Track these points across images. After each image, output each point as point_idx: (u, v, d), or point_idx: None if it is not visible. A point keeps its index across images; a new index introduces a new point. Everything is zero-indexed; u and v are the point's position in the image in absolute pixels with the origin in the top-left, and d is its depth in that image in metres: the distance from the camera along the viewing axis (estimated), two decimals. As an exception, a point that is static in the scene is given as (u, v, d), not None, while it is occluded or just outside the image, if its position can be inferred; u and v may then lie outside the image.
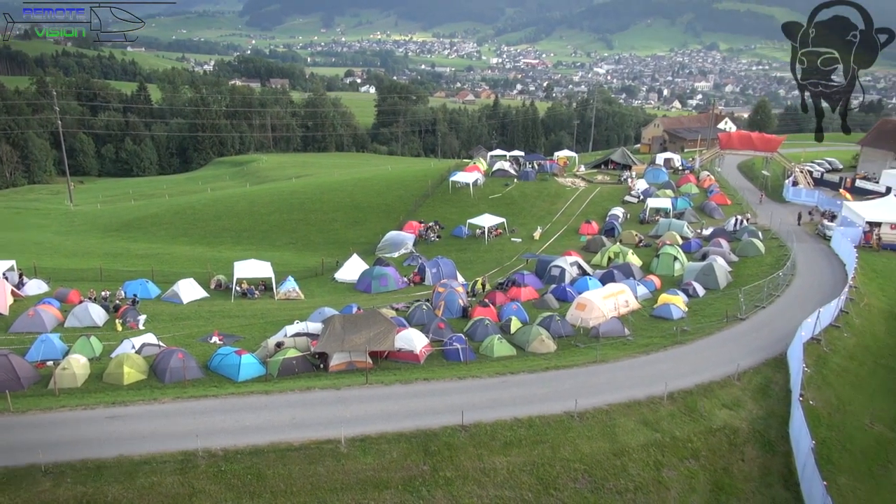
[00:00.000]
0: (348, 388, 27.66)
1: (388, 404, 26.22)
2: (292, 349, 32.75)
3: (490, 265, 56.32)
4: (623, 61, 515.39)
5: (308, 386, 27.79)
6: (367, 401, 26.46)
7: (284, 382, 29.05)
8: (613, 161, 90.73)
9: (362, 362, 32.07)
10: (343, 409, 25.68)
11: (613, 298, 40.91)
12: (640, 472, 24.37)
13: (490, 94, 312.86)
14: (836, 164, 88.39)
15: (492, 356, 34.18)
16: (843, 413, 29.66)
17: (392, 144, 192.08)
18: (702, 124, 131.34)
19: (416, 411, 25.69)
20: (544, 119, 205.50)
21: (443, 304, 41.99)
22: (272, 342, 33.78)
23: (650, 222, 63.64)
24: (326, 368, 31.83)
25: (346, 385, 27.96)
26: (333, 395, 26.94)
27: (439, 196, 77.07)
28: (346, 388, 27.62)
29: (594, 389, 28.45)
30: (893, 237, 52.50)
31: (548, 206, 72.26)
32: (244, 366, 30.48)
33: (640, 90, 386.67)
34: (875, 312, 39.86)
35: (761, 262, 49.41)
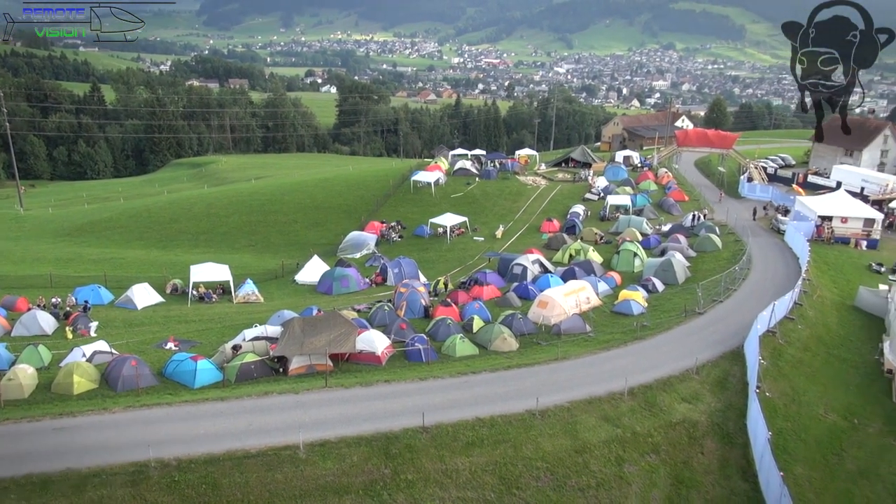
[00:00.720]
0: (307, 391, 27.15)
1: (348, 407, 25.81)
2: (250, 353, 32.09)
3: (452, 264, 56.16)
4: (583, 60, 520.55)
5: (266, 391, 27.18)
6: (327, 404, 26.00)
7: (242, 388, 28.40)
8: (574, 159, 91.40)
9: (322, 365, 31.56)
10: (302, 413, 25.18)
11: (575, 295, 41.08)
12: (602, 469, 24.43)
13: (452, 93, 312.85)
14: (789, 161, 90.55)
15: (454, 356, 33.97)
16: (798, 404, 30.23)
17: (354, 144, 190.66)
18: (660, 122, 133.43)
19: (376, 414, 25.34)
20: (506, 118, 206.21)
21: (405, 304, 41.69)
22: (230, 347, 33.07)
23: (610, 219, 64.23)
24: (286, 372, 31.24)
25: (306, 389, 27.45)
26: (292, 399, 26.40)
27: (401, 196, 76.67)
28: (305, 391, 27.10)
29: (556, 387, 28.48)
30: (844, 230, 53.91)
31: (509, 205, 72.44)
32: (200, 372, 29.71)
33: (600, 89, 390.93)
34: (827, 304, 40.81)
35: (718, 257, 50.23)
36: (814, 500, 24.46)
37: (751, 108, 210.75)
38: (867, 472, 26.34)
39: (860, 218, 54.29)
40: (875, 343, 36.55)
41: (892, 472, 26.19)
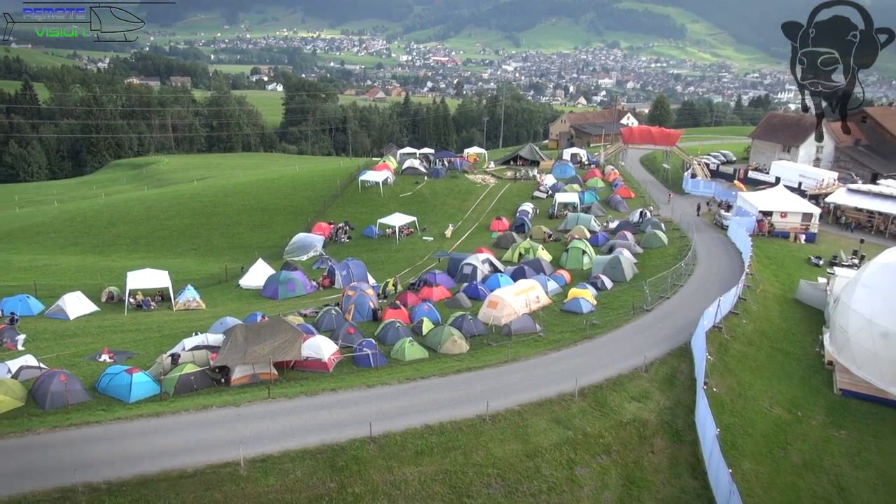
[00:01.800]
0: (249, 403, 26.01)
1: (293, 419, 24.81)
2: (190, 364, 30.70)
3: (401, 265, 55.41)
4: (530, 59, 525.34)
5: (205, 404, 25.92)
6: (270, 417, 24.93)
7: (180, 401, 27.05)
8: (522, 157, 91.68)
9: (267, 374, 30.48)
10: (243, 427, 24.08)
11: (524, 295, 40.90)
12: (554, 473, 24.10)
13: (401, 91, 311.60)
14: (730, 157, 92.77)
15: (403, 360, 33.29)
16: (744, 398, 30.57)
17: (301, 143, 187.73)
18: (606, 120, 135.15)
19: (322, 425, 24.42)
20: (455, 116, 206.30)
21: (353, 307, 40.78)
22: (168, 357, 31.61)
23: (559, 217, 64.49)
24: (228, 383, 30.02)
25: (247, 401, 26.29)
26: (233, 412, 25.23)
27: (349, 196, 75.47)
28: (246, 404, 25.95)
29: (506, 390, 28.07)
30: (784, 225, 55.25)
31: (459, 204, 72.08)
32: (136, 385, 28.22)
33: (548, 87, 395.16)
34: (770, 298, 41.60)
35: (664, 253, 50.83)
36: (761, 495, 24.63)
37: (693, 105, 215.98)
38: (812, 464, 26.73)
39: (799, 212, 55.72)
40: (816, 335, 37.38)
41: (835, 465, 26.64)
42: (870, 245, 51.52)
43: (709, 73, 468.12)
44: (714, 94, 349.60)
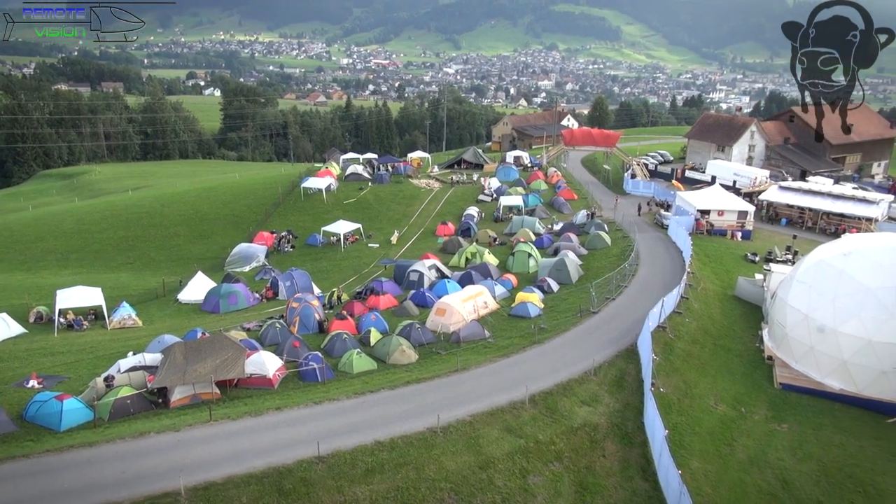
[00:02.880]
0: (190, 427, 24.89)
1: (236, 442, 23.85)
2: (126, 387, 29.32)
3: (347, 273, 54.54)
4: (471, 61, 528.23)
5: (143, 430, 24.68)
6: (212, 441, 23.90)
7: (116, 428, 25.72)
8: (466, 160, 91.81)
9: (208, 394, 29.35)
10: (184, 453, 22.98)
11: (472, 301, 40.71)
12: (507, 483, 23.87)
13: (342, 95, 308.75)
14: (668, 157, 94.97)
15: (351, 372, 32.64)
16: (690, 397, 31.07)
17: (241, 149, 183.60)
18: (547, 122, 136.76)
19: (267, 447, 23.54)
20: (398, 119, 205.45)
21: (297, 319, 39.84)
22: (102, 380, 30.10)
23: (504, 220, 64.66)
24: (167, 405, 28.76)
25: (188, 424, 25.16)
26: (172, 438, 24.09)
27: (291, 204, 73.95)
28: (187, 428, 24.83)
29: (457, 400, 27.75)
30: (721, 223, 56.75)
31: (404, 209, 71.53)
32: (67, 412, 26.71)
33: (489, 89, 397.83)
34: (711, 296, 42.55)
35: (609, 254, 51.49)
36: (710, 493, 24.98)
37: (630, 106, 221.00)
38: (757, 459, 27.30)
39: (735, 210, 57.33)
40: (755, 331, 38.40)
41: (778, 459, 27.28)
42: (802, 241, 53.34)
43: (644, 74, 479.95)
44: (650, 95, 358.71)
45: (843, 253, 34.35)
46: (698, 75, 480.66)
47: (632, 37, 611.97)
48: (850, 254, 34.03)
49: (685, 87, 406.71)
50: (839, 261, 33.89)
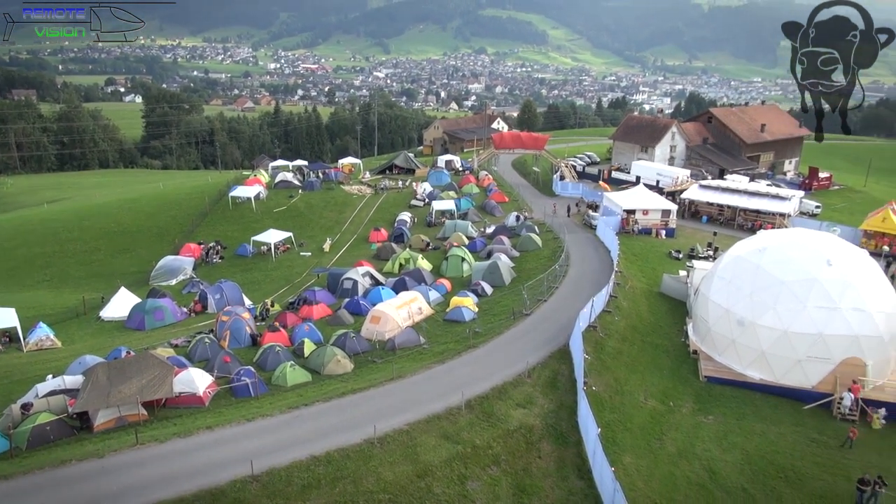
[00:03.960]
0: (115, 453, 23.87)
1: (166, 466, 23.02)
2: (45, 413, 27.88)
3: (279, 283, 53.55)
4: (401, 65, 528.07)
5: (64, 459, 23.51)
6: (140, 466, 22.99)
7: (34, 457, 24.41)
8: (398, 165, 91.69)
9: (135, 416, 28.27)
10: (109, 481, 22.02)
11: (407, 307, 40.72)
12: (446, 490, 23.91)
13: (270, 100, 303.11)
14: (595, 158, 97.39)
15: (285, 385, 32.08)
16: (621, 394, 31.92)
17: (166, 158, 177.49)
18: (477, 125, 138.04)
19: (198, 468, 22.82)
20: (328, 124, 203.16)
21: (228, 333, 38.84)
22: (18, 407, 28.53)
23: (437, 225, 64.88)
24: (91, 429, 27.52)
25: (113, 450, 24.11)
26: (96, 465, 23.04)
27: (219, 213, 72.01)
28: (111, 453, 23.79)
29: (393, 409, 27.63)
30: (646, 222, 58.58)
31: (336, 216, 70.79)
32: (-21, 443, 25.24)
33: (419, 93, 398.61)
34: (638, 293, 43.85)
35: (540, 256, 52.38)
36: (643, 487, 25.70)
37: (558, 108, 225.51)
38: (685, 451, 28.27)
39: (659, 209, 59.29)
40: (680, 326, 39.78)
41: (705, 450, 28.33)
42: (722, 237, 55.66)
43: (571, 77, 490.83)
44: (577, 97, 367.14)
45: (759, 249, 36.05)
46: (622, 77, 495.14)
47: (558, 40, 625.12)
48: (764, 249, 35.74)
49: (610, 89, 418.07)
50: (755, 256, 35.54)
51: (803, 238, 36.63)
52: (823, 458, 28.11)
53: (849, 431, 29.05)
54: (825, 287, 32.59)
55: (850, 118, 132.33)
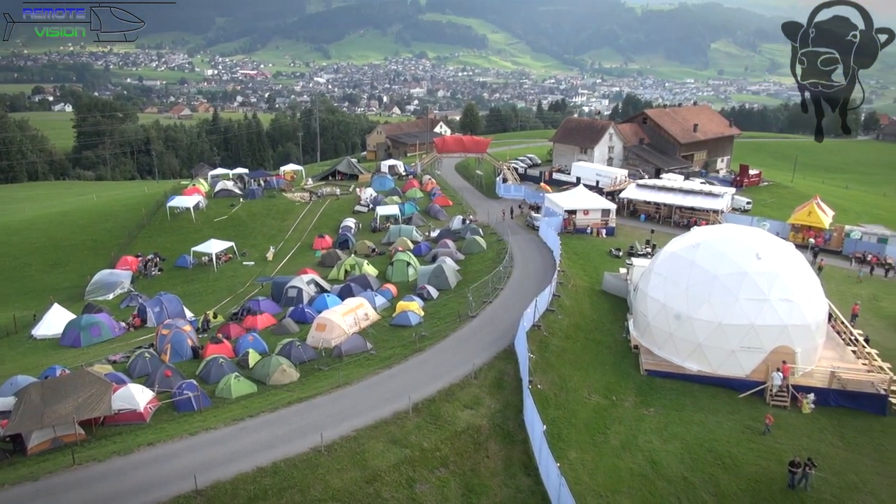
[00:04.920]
0: (50, 475, 23.04)
1: (105, 485, 22.36)
2: (-26, 438, 26.75)
3: (222, 294, 52.58)
4: (342, 70, 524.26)
5: (-5, 484, 22.61)
6: (76, 487, 22.26)
7: (-37, 485, 23.35)
8: (340, 171, 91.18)
9: (72, 436, 27.35)
10: (44, 504, 21.30)
11: (353, 313, 40.58)
12: (394, 494, 23.97)
13: (208, 107, 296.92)
14: (536, 160, 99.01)
15: (230, 398, 31.57)
16: (566, 391, 32.59)
17: (100, 169, 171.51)
18: (420, 129, 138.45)
19: (140, 486, 22.26)
20: (269, 131, 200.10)
21: (169, 347, 37.95)
22: (-55, 434, 27.28)
23: (381, 230, 64.81)
24: (24, 452, 26.50)
25: (48, 472, 23.27)
26: (30, 489, 22.19)
27: (156, 224, 70.14)
28: (46, 476, 22.96)
29: (340, 416, 27.54)
30: (587, 222, 59.88)
31: (278, 224, 69.91)
32: None
33: (362, 98, 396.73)
34: (581, 292, 44.80)
35: (484, 258, 52.93)
36: (588, 481, 26.33)
37: (499, 111, 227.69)
38: (628, 444, 29.08)
39: (599, 209, 60.71)
40: (622, 322, 40.83)
41: (647, 441, 29.20)
42: (659, 234, 57.39)
43: (511, 81, 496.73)
44: (518, 100, 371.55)
45: (693, 245, 37.37)
46: (561, 80, 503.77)
47: (497, 44, 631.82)
48: (698, 245, 37.07)
49: (550, 91, 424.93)
50: (689, 252, 36.83)
51: (734, 233, 38.16)
52: (758, 443, 29.35)
53: (765, 418, 30.33)
54: (755, 280, 34.03)
55: (778, 116, 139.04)
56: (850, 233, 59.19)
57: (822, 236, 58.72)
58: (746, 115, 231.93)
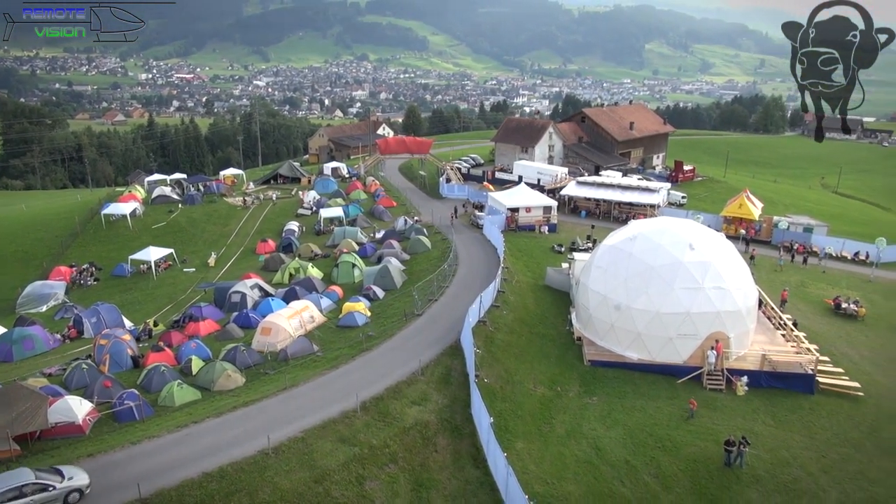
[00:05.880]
0: (-16, 492, 22.25)
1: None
2: None
3: (162, 302, 51.35)
4: (282, 73, 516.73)
5: (-77, 504, 21.66)
6: (12, 502, 21.57)
7: None
8: (282, 175, 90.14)
9: (6, 452, 26.34)
10: (-22, 521, 20.56)
11: (298, 316, 40.30)
12: (344, 493, 24.03)
13: (143, 112, 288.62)
14: (479, 160, 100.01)
15: (173, 406, 30.98)
16: (512, 384, 33.21)
17: (28, 177, 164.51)
18: (363, 131, 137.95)
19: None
20: (208, 136, 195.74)
21: (108, 357, 36.90)
22: None
23: (325, 233, 64.41)
24: (-45, 471, 25.41)
25: (-19, 489, 22.46)
26: (-38, 506, 21.41)
27: (91, 233, 67.87)
28: (-20, 493, 22.17)
29: (287, 418, 27.40)
30: (529, 219, 60.89)
31: (220, 229, 68.63)
32: None
33: (303, 101, 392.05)
34: (524, 287, 45.62)
35: (430, 257, 53.26)
36: (535, 469, 26.94)
37: (442, 113, 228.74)
38: (573, 432, 29.87)
39: (540, 206, 61.80)
40: (565, 316, 41.78)
41: (591, 429, 30.05)
42: (599, 229, 58.80)
43: (453, 82, 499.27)
44: (460, 101, 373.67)
45: (630, 237, 38.56)
46: (502, 81, 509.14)
47: (438, 46, 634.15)
48: (635, 238, 38.28)
49: (491, 93, 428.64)
50: (627, 245, 38.00)
51: (668, 225, 39.53)
52: (696, 425, 30.57)
53: (689, 403, 31.57)
54: (689, 270, 35.37)
55: (710, 114, 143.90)
56: (777, 223, 62.02)
57: (753, 227, 61.33)
58: (681, 114, 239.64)
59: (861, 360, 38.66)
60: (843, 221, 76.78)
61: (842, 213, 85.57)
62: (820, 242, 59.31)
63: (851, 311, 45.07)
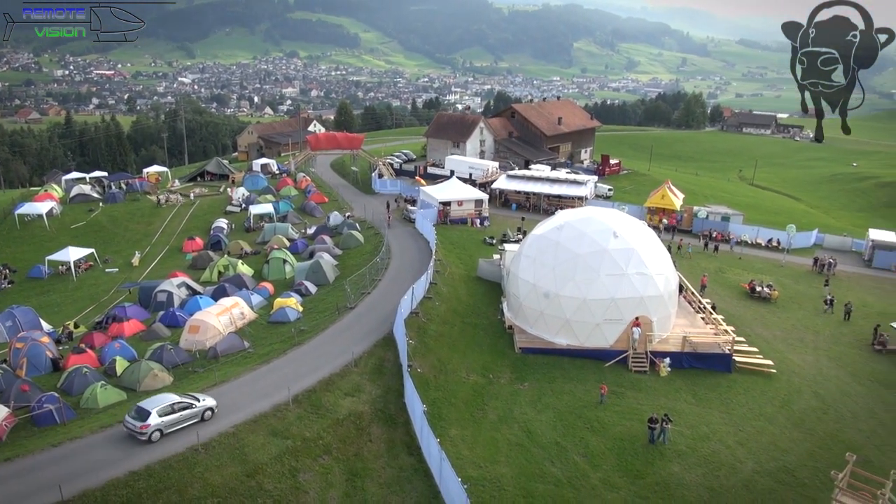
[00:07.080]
0: None
1: (-45, 506, 20.76)
2: None
3: (84, 303, 49.35)
4: (208, 70, 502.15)
5: None
6: (-79, 511, 20.53)
7: None
8: (209, 172, 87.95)
9: (-88, 462, 24.94)
10: None
11: (228, 313, 39.63)
12: (277, 485, 23.87)
13: (60, 110, 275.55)
14: (411, 155, 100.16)
15: (97, 407, 29.98)
16: (445, 373, 33.61)
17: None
18: (293, 129, 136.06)
19: (-3, 503, 20.87)
20: (130, 134, 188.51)
21: (25, 361, 35.34)
22: None
23: (256, 229, 63.29)
24: None
25: None
26: None
27: (4, 234, 64.39)
28: None
29: (218, 414, 26.95)
30: (460, 212, 61.54)
31: (144, 228, 66.42)
32: None
33: (231, 98, 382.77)
34: (457, 279, 46.13)
35: (362, 252, 53.16)
36: (468, 454, 27.40)
37: (374, 110, 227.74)
38: (505, 417, 30.50)
39: (472, 200, 62.56)
40: (496, 305, 42.51)
41: (522, 413, 30.76)
42: (529, 221, 59.98)
43: (385, 80, 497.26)
44: (392, 99, 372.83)
45: (557, 227, 39.58)
46: (434, 79, 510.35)
47: (370, 43, 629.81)
48: (562, 227, 39.32)
49: (424, 90, 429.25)
50: (554, 234, 38.99)
51: (593, 214, 40.75)
52: (622, 406, 31.74)
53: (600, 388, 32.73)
54: (613, 256, 36.61)
55: (636, 111, 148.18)
56: (697, 213, 64.75)
57: (675, 217, 63.82)
58: (608, 110, 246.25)
59: (774, 339, 40.94)
60: (758, 211, 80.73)
61: (757, 203, 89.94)
62: (736, 230, 62.29)
63: (765, 294, 47.62)
